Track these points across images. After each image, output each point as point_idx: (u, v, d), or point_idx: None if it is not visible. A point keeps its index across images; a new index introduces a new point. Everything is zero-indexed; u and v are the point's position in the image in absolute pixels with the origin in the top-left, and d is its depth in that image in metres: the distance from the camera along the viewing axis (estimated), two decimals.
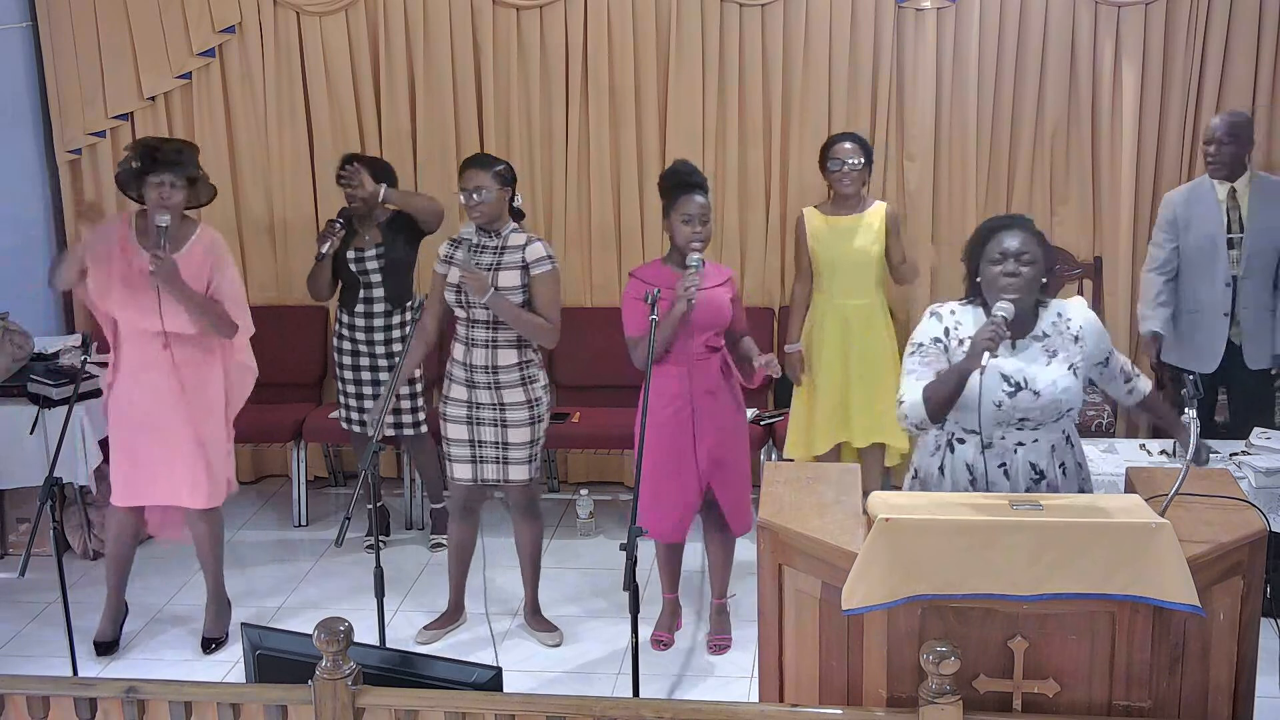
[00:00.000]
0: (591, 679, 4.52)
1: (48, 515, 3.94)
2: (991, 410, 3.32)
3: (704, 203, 4.39)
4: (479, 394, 4.53)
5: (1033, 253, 3.35)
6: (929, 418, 3.33)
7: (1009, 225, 3.41)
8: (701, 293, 4.33)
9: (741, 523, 4.60)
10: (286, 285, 6.19)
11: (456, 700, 2.80)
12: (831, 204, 5.17)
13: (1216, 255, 4.94)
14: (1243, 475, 4.30)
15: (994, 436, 3.37)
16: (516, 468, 4.59)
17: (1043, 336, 3.40)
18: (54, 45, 6.02)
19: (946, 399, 3.30)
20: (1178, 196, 5.07)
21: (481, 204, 4.45)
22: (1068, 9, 5.62)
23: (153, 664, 4.68)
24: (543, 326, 4.49)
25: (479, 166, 4.51)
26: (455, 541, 4.80)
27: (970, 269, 3.46)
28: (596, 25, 5.79)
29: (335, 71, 5.94)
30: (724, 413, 4.47)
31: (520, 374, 4.54)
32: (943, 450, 3.46)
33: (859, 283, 5.11)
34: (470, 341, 4.51)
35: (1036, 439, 3.38)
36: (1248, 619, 3.04)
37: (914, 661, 2.85)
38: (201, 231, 4.54)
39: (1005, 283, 3.32)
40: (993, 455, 3.37)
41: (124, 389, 4.57)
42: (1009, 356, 3.36)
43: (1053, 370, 3.35)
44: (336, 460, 6.35)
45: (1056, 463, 3.41)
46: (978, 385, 3.25)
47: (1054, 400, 3.33)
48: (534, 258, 4.48)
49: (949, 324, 3.42)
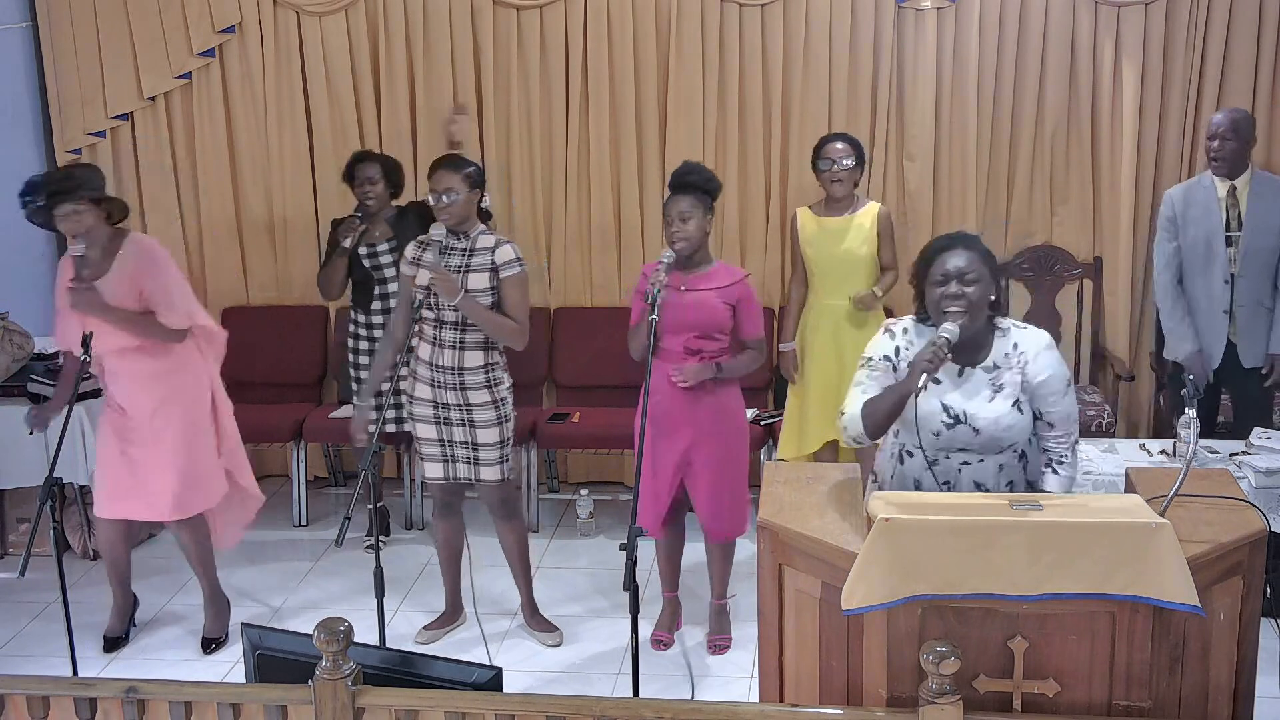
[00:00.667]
0: (591, 679, 4.52)
1: (48, 515, 3.94)
2: (930, 438, 3.31)
3: (690, 202, 4.37)
4: (445, 394, 4.51)
5: (977, 271, 3.27)
6: (866, 433, 3.33)
7: (951, 245, 3.35)
8: (686, 294, 4.35)
9: (720, 528, 4.57)
10: (286, 285, 6.19)
11: (456, 700, 2.80)
12: (824, 204, 5.18)
13: (1214, 253, 4.93)
14: (1243, 475, 4.30)
15: (938, 455, 3.35)
16: (488, 468, 4.58)
17: (992, 368, 3.33)
18: (54, 45, 6.02)
19: (885, 417, 3.29)
20: (1176, 193, 5.07)
21: (450, 205, 4.42)
22: (1068, 9, 5.63)
23: (153, 664, 4.68)
24: (512, 329, 4.46)
25: (449, 168, 4.48)
26: (441, 540, 4.80)
27: (917, 290, 3.42)
28: (596, 25, 5.79)
29: (335, 71, 5.94)
30: (699, 417, 4.45)
31: (486, 375, 4.51)
32: (895, 459, 3.46)
33: (850, 283, 5.11)
34: (438, 342, 4.49)
35: (983, 459, 3.35)
36: (1248, 619, 3.05)
37: (914, 661, 2.85)
38: (128, 242, 4.49)
39: (947, 306, 3.27)
40: (938, 472, 3.36)
41: (106, 401, 4.61)
42: (954, 386, 3.33)
43: (996, 406, 3.30)
44: (336, 460, 6.35)
45: (1004, 481, 3.38)
46: (914, 416, 3.24)
47: (994, 437, 3.30)
48: (503, 260, 4.45)
49: (900, 343, 3.40)
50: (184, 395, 4.58)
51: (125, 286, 4.41)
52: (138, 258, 4.46)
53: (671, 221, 4.38)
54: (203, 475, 4.64)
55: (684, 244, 4.38)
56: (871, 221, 5.11)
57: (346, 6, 5.88)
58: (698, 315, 4.39)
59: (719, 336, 4.44)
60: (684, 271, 4.42)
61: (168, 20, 5.93)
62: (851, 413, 3.35)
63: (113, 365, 4.53)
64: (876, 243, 5.10)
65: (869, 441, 3.38)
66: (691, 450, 4.47)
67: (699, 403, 4.44)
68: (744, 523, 4.64)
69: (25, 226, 6.18)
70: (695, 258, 4.44)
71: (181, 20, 5.93)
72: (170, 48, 5.96)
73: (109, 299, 4.37)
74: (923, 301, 3.40)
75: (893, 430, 3.46)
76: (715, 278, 4.45)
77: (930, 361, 3.19)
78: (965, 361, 3.33)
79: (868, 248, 5.10)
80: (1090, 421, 5.39)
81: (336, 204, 6.03)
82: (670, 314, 4.31)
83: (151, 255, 4.50)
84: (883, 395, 3.31)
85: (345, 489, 6.31)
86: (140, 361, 4.49)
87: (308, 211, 6.11)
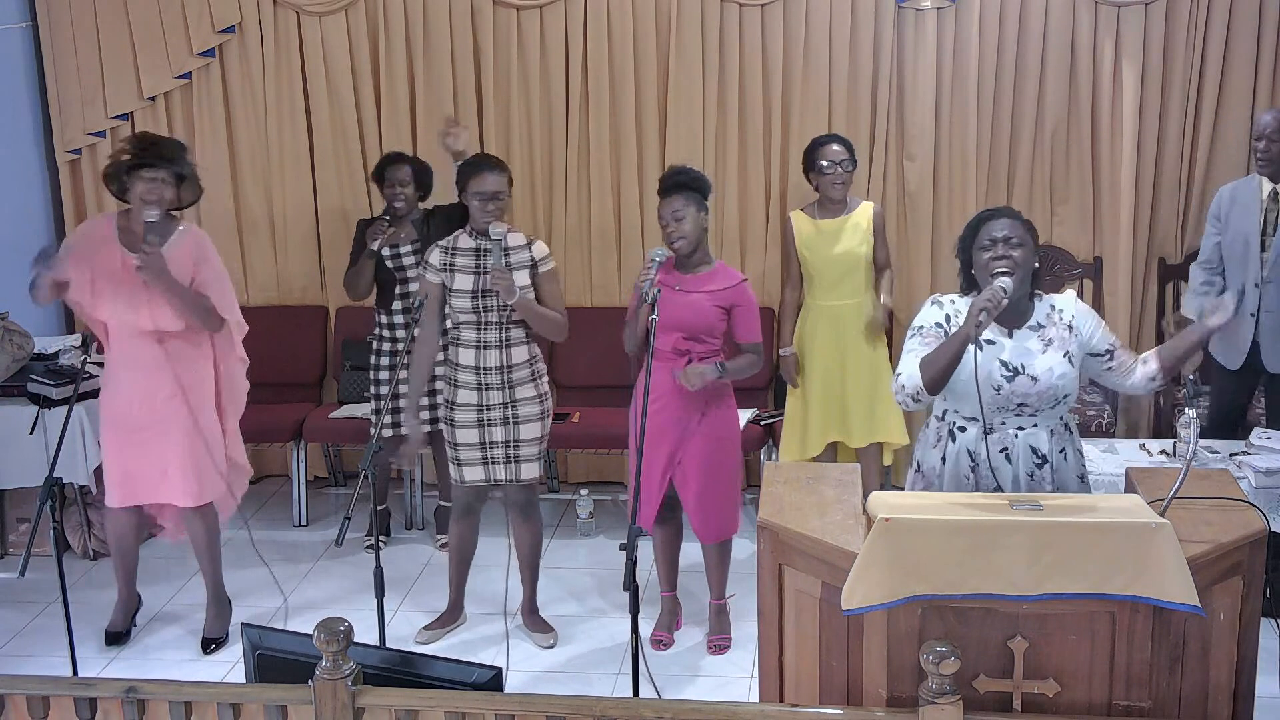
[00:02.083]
0: (591, 679, 4.53)
1: (48, 515, 3.93)
2: (991, 395, 3.36)
3: (681, 201, 4.38)
4: (491, 395, 4.55)
5: (1020, 237, 3.40)
6: (925, 387, 3.33)
7: (995, 215, 3.47)
8: (679, 294, 4.36)
9: (709, 529, 4.57)
10: (286, 285, 6.19)
11: (456, 700, 2.80)
12: (819, 206, 5.18)
13: (1249, 255, 4.86)
14: (1243, 475, 4.30)
15: (994, 422, 3.40)
16: (528, 465, 4.62)
17: (1038, 327, 3.44)
18: (54, 45, 6.02)
19: (944, 368, 3.31)
20: (1226, 191, 5.00)
21: (501, 206, 4.52)
22: (1068, 9, 5.63)
23: (153, 664, 4.68)
24: (560, 322, 4.58)
25: (499, 170, 4.54)
26: (456, 541, 4.81)
27: (963, 261, 3.51)
28: (596, 25, 5.79)
29: (335, 71, 5.94)
30: (687, 416, 4.45)
31: (530, 370, 4.60)
32: (944, 440, 3.49)
33: (849, 283, 5.12)
34: (483, 344, 4.53)
35: (1036, 424, 3.43)
36: (1248, 619, 3.04)
37: (914, 661, 2.85)
38: (185, 228, 4.54)
39: (996, 265, 3.36)
40: (994, 441, 3.41)
41: (115, 388, 4.57)
42: (1005, 347, 3.40)
43: (1049, 358, 3.39)
44: (336, 460, 6.35)
45: (1057, 448, 3.45)
46: (974, 369, 3.26)
47: (1051, 386, 3.37)
48: (540, 255, 4.55)
49: (949, 311, 3.46)
50: (199, 385, 4.58)
51: (176, 268, 4.41)
52: (196, 245, 4.51)
53: (667, 223, 4.40)
54: (214, 462, 4.66)
55: (682, 242, 4.39)
56: (868, 221, 5.12)
57: (346, 6, 5.88)
58: (687, 316, 4.40)
59: (707, 339, 4.44)
60: (682, 271, 4.43)
61: (168, 20, 5.93)
62: (909, 371, 3.36)
63: (134, 350, 4.50)
64: (873, 241, 5.11)
65: (926, 399, 3.37)
66: (680, 450, 4.47)
67: (689, 403, 4.44)
68: (734, 523, 4.64)
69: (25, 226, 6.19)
70: (695, 257, 4.44)
71: (181, 20, 5.93)
72: (170, 48, 5.96)
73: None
74: (968, 273, 3.48)
75: (936, 413, 3.52)
76: (712, 280, 4.45)
77: (988, 302, 3.25)
78: (1013, 325, 3.42)
79: (866, 247, 5.11)
80: (1090, 421, 5.39)
81: (336, 204, 6.03)
82: (662, 312, 4.31)
83: (207, 244, 4.56)
84: (940, 347, 3.34)
85: (345, 489, 6.32)
86: (174, 347, 4.50)
87: (308, 211, 6.11)
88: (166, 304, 4.40)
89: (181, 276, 4.43)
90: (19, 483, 5.30)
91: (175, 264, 4.42)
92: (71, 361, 5.33)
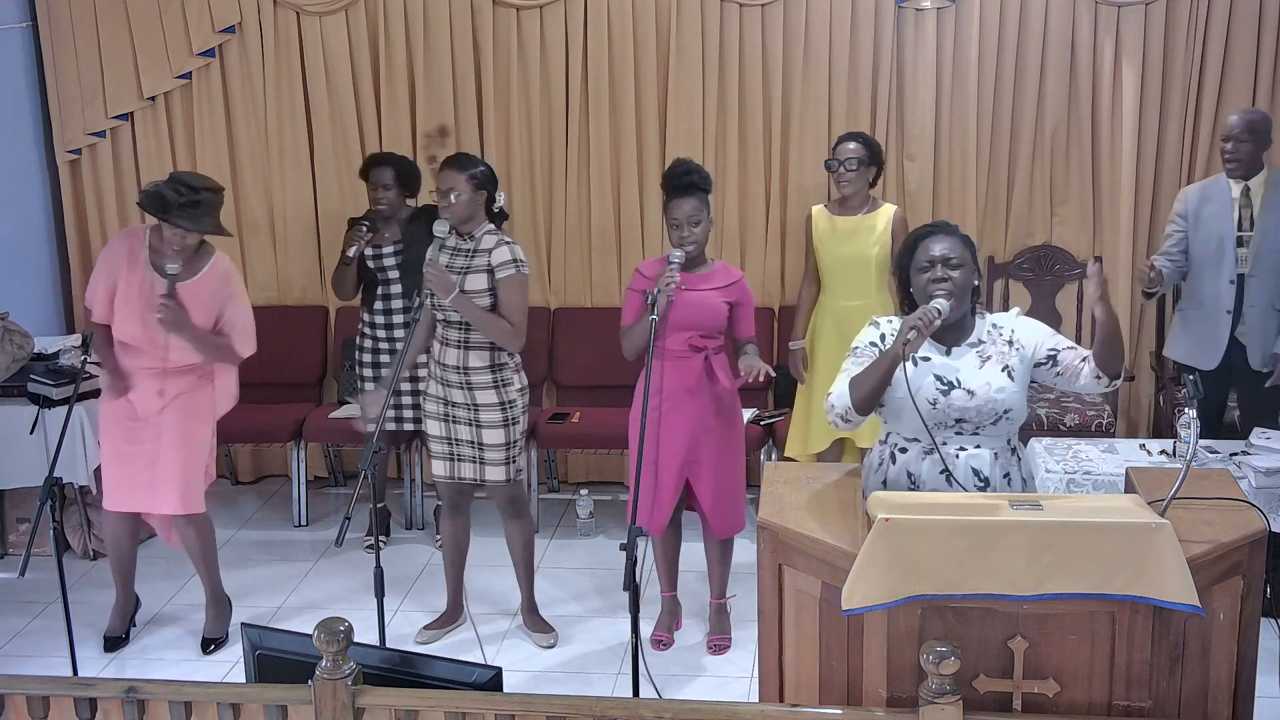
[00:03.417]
0: (591, 679, 4.53)
1: (48, 515, 3.94)
2: (928, 409, 3.31)
3: (695, 205, 4.39)
4: (452, 393, 4.53)
5: (960, 256, 3.36)
6: (854, 407, 3.31)
7: (933, 232, 3.43)
8: (688, 293, 4.35)
9: (722, 524, 4.58)
10: (286, 285, 6.19)
11: (456, 700, 2.80)
12: (837, 204, 5.18)
13: (1224, 253, 4.92)
14: (1243, 475, 4.30)
15: (936, 441, 3.34)
16: (493, 468, 4.58)
17: (977, 343, 3.40)
18: (54, 45, 6.02)
19: (874, 387, 3.29)
20: (1193, 191, 5.06)
21: (453, 205, 4.42)
22: (1068, 9, 5.63)
23: (153, 664, 4.68)
24: (506, 330, 4.44)
25: (454, 168, 4.47)
26: (447, 540, 4.81)
27: (901, 280, 3.48)
28: (596, 25, 5.79)
29: (335, 71, 5.95)
30: (702, 413, 4.46)
31: (493, 376, 4.51)
32: (885, 464, 3.45)
33: (857, 284, 5.11)
34: (444, 341, 4.52)
35: (978, 444, 3.37)
36: (1248, 619, 3.04)
37: (914, 661, 2.85)
38: (217, 260, 4.52)
39: (934, 289, 3.33)
40: (934, 461, 3.36)
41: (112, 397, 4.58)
42: (942, 362, 3.36)
43: (986, 373, 3.34)
44: (336, 460, 6.35)
45: (1001, 472, 3.39)
46: (907, 386, 3.23)
47: (989, 400, 3.32)
48: (498, 261, 4.44)
49: (885, 330, 3.43)
50: (195, 395, 4.59)
51: (204, 303, 4.44)
52: (224, 281, 4.52)
53: (681, 225, 4.38)
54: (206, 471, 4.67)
55: (694, 246, 4.40)
56: (886, 223, 5.10)
57: (346, 6, 5.88)
58: (700, 314, 4.41)
59: (718, 335, 4.48)
60: (685, 271, 4.43)
61: (168, 20, 5.93)
62: (839, 390, 3.35)
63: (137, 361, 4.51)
64: (890, 245, 5.07)
65: (856, 419, 3.35)
66: (695, 448, 4.47)
67: (699, 401, 4.45)
68: (742, 519, 4.65)
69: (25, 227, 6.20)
70: (696, 258, 4.45)
71: (181, 20, 5.93)
72: (170, 48, 5.96)
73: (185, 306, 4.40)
74: (905, 291, 3.46)
75: (880, 437, 3.48)
76: (715, 277, 4.47)
77: (920, 320, 3.23)
78: (951, 343, 3.39)
79: (879, 248, 5.08)
80: (1090, 421, 5.39)
81: (336, 204, 6.03)
82: (672, 313, 4.32)
83: (235, 281, 4.57)
84: (870, 366, 3.32)
85: (345, 489, 6.32)
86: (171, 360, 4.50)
87: (308, 211, 6.11)
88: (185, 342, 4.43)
89: (208, 309, 4.45)
90: (19, 483, 5.30)
91: (203, 296, 4.44)
92: (71, 361, 5.33)
